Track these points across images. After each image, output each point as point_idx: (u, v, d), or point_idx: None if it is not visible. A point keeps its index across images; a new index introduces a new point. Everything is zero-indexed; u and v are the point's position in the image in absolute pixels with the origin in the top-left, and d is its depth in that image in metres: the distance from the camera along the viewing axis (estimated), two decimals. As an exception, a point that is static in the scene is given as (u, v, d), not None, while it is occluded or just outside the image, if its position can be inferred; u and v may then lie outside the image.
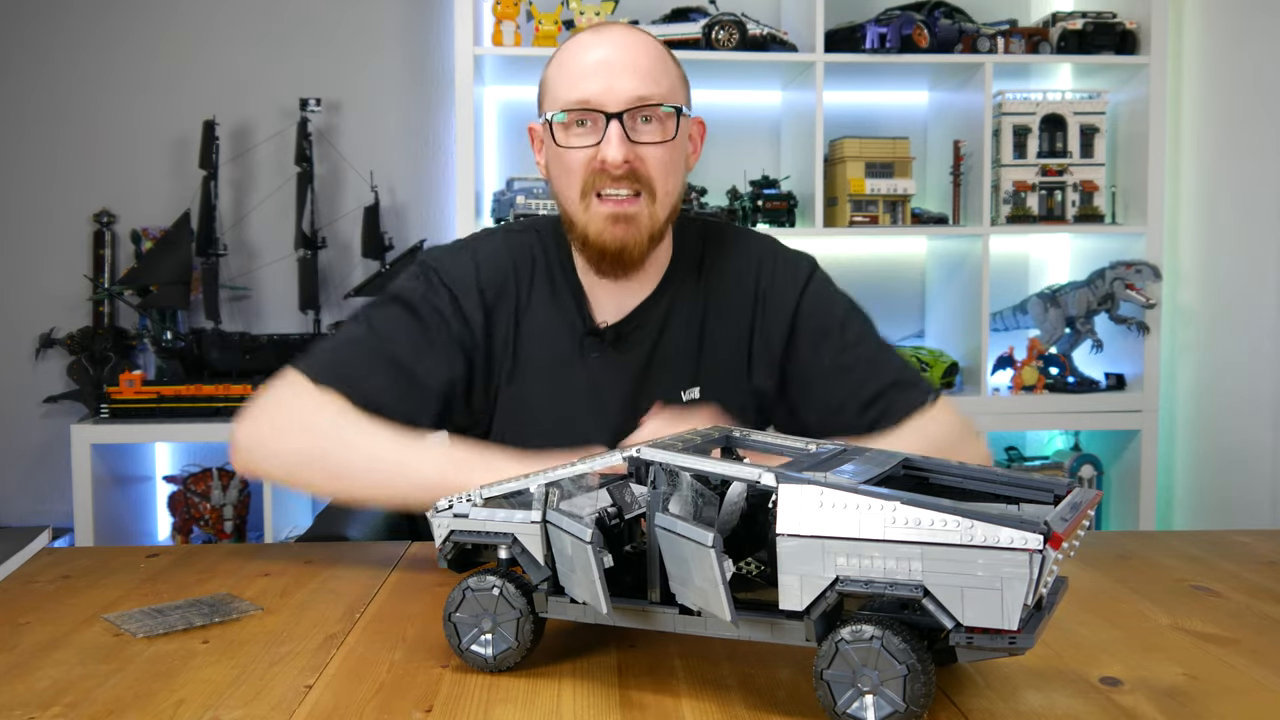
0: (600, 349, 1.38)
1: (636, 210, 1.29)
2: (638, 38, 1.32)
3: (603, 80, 1.27)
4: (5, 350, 3.18)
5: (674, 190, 1.33)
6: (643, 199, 1.29)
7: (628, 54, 1.29)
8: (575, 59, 1.30)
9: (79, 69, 3.17)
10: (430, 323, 1.34)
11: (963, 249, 3.08)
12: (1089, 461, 3.11)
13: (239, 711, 0.83)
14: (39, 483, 3.19)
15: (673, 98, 1.31)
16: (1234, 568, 1.24)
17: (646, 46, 1.31)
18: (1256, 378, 2.76)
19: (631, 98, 1.27)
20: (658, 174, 1.29)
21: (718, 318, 1.41)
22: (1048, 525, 0.71)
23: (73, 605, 1.10)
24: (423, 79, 3.25)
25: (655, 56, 1.31)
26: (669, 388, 1.38)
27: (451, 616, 0.91)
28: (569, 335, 1.39)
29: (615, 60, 1.28)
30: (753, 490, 0.86)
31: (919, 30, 2.92)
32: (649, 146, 1.28)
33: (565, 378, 1.39)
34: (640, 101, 1.27)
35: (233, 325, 3.18)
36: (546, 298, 1.39)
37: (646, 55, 1.30)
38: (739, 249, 1.45)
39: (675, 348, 1.40)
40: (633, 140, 1.27)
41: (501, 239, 1.43)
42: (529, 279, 1.40)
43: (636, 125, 1.28)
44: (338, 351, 1.32)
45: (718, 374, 1.40)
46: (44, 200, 3.18)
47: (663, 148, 1.29)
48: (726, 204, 3.03)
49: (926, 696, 0.74)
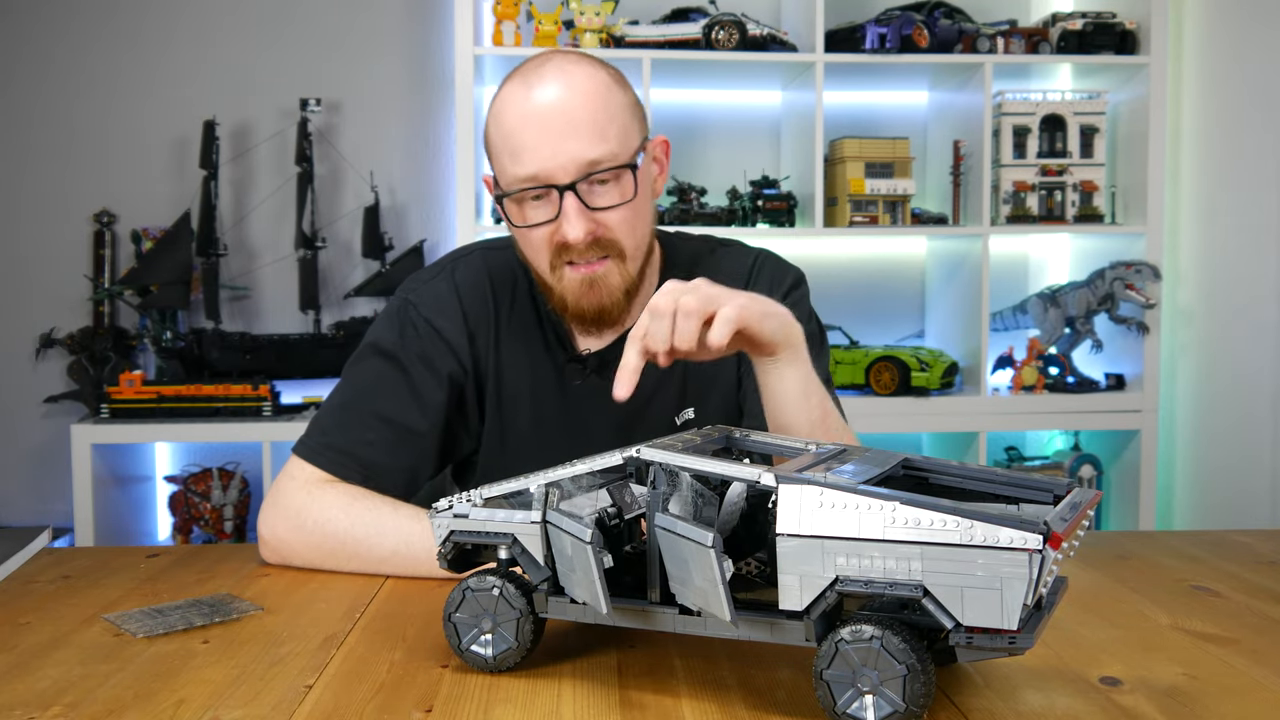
0: (583, 376, 1.35)
1: (606, 271, 1.25)
2: (573, 78, 1.21)
3: (547, 147, 1.18)
4: (5, 350, 3.18)
5: (643, 239, 1.28)
6: (611, 261, 1.24)
7: (566, 106, 1.19)
8: (512, 118, 1.21)
9: (79, 69, 3.17)
10: (412, 371, 1.32)
11: (963, 249, 3.08)
12: (1089, 461, 3.11)
13: (239, 711, 0.83)
14: (39, 483, 3.19)
15: (625, 147, 1.22)
16: (1234, 568, 1.24)
17: (585, 88, 1.21)
18: (1256, 378, 2.76)
19: (581, 164, 1.19)
20: (623, 234, 1.24)
21: None
22: (1047, 525, 0.71)
23: (73, 605, 1.10)
24: (423, 79, 3.25)
25: (597, 98, 1.21)
26: (658, 413, 1.33)
27: (451, 616, 0.91)
28: (550, 362, 1.36)
29: (553, 116, 1.19)
30: (753, 490, 0.86)
31: (919, 30, 2.92)
32: (609, 211, 1.22)
33: (548, 405, 1.36)
34: (591, 167, 1.19)
35: (233, 325, 3.18)
36: (527, 322, 1.36)
37: (587, 101, 1.20)
38: (725, 269, 1.39)
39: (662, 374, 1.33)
40: (591, 208, 1.21)
41: (480, 260, 1.39)
42: (509, 303, 1.37)
43: (593, 189, 1.21)
44: (328, 424, 1.32)
45: (709, 392, 1.37)
46: (44, 200, 3.18)
47: (624, 208, 1.22)
48: (726, 204, 3.03)
49: (926, 696, 0.74)
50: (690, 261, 1.40)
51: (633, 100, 1.27)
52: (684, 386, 1.37)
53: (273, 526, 1.25)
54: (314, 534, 1.23)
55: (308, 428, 1.34)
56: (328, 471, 1.29)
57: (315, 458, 1.29)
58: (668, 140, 1.35)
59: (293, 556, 1.25)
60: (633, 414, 1.33)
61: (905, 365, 2.97)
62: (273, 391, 2.88)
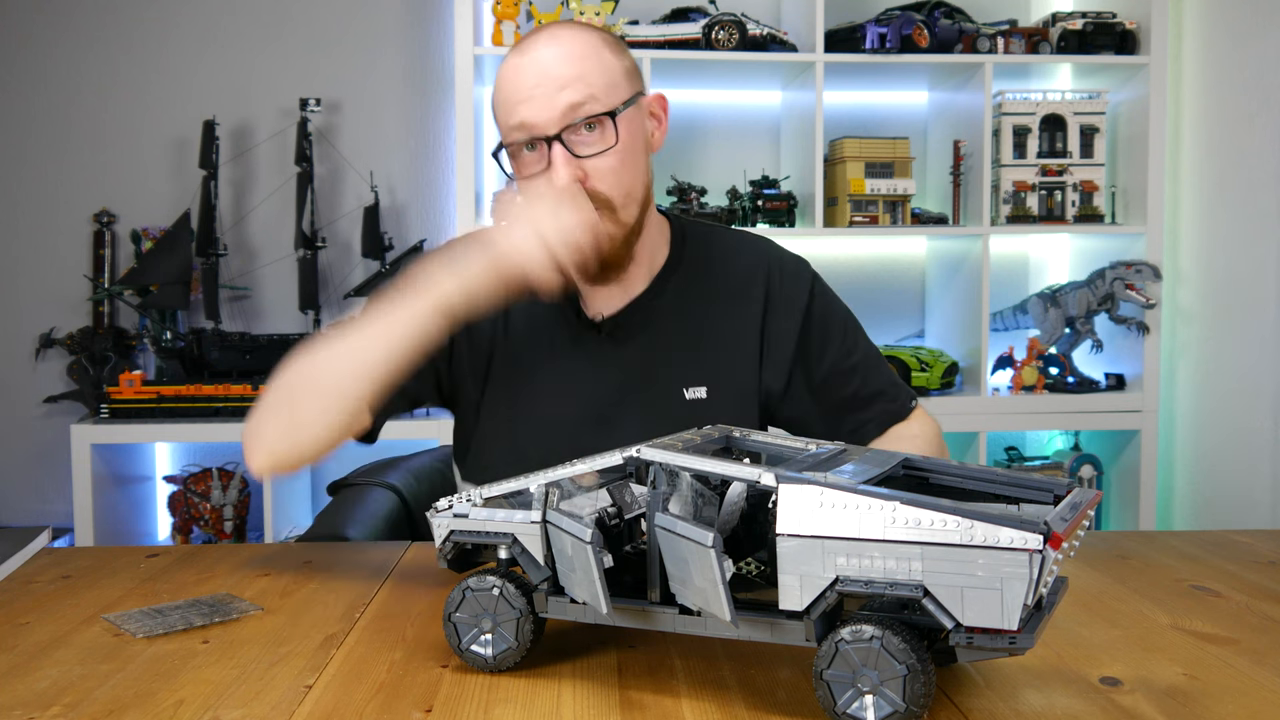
0: (597, 341, 1.38)
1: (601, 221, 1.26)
2: (564, 39, 1.27)
3: (532, 101, 1.23)
4: (5, 350, 3.18)
5: (636, 187, 1.30)
6: (601, 212, 1.26)
7: (555, 63, 1.24)
8: (507, 80, 1.27)
9: (79, 69, 3.17)
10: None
11: (963, 249, 3.08)
12: (1089, 461, 3.11)
13: (239, 711, 0.83)
14: (39, 483, 3.19)
15: (611, 95, 1.26)
16: (1234, 568, 1.24)
17: (574, 47, 1.26)
18: (1256, 378, 2.76)
19: (565, 110, 1.23)
20: (610, 184, 1.26)
21: (725, 318, 1.41)
22: (1048, 525, 0.71)
23: (73, 605, 1.10)
24: (423, 79, 3.25)
25: (584, 55, 1.26)
26: (670, 383, 1.38)
27: (451, 616, 0.91)
28: (562, 330, 1.39)
29: (540, 73, 1.24)
30: (753, 490, 0.86)
31: (919, 30, 2.92)
32: (597, 158, 1.25)
33: (558, 371, 1.39)
34: (573, 111, 1.23)
35: (233, 325, 3.18)
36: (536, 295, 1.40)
37: (575, 58, 1.25)
38: (743, 251, 1.45)
39: (675, 345, 1.39)
40: (579, 155, 1.24)
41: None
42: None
43: (580, 137, 1.24)
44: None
45: (725, 373, 1.40)
46: (44, 200, 3.18)
47: (609, 155, 1.25)
48: (726, 204, 3.03)
49: (926, 696, 0.74)
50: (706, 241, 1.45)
51: (626, 63, 1.31)
52: (700, 358, 1.39)
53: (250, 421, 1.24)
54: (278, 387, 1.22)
55: None
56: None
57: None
58: (665, 96, 1.37)
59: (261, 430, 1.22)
60: (645, 381, 1.37)
61: (905, 365, 2.97)
62: (273, 391, 2.88)
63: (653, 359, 1.39)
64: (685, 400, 1.37)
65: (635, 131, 1.30)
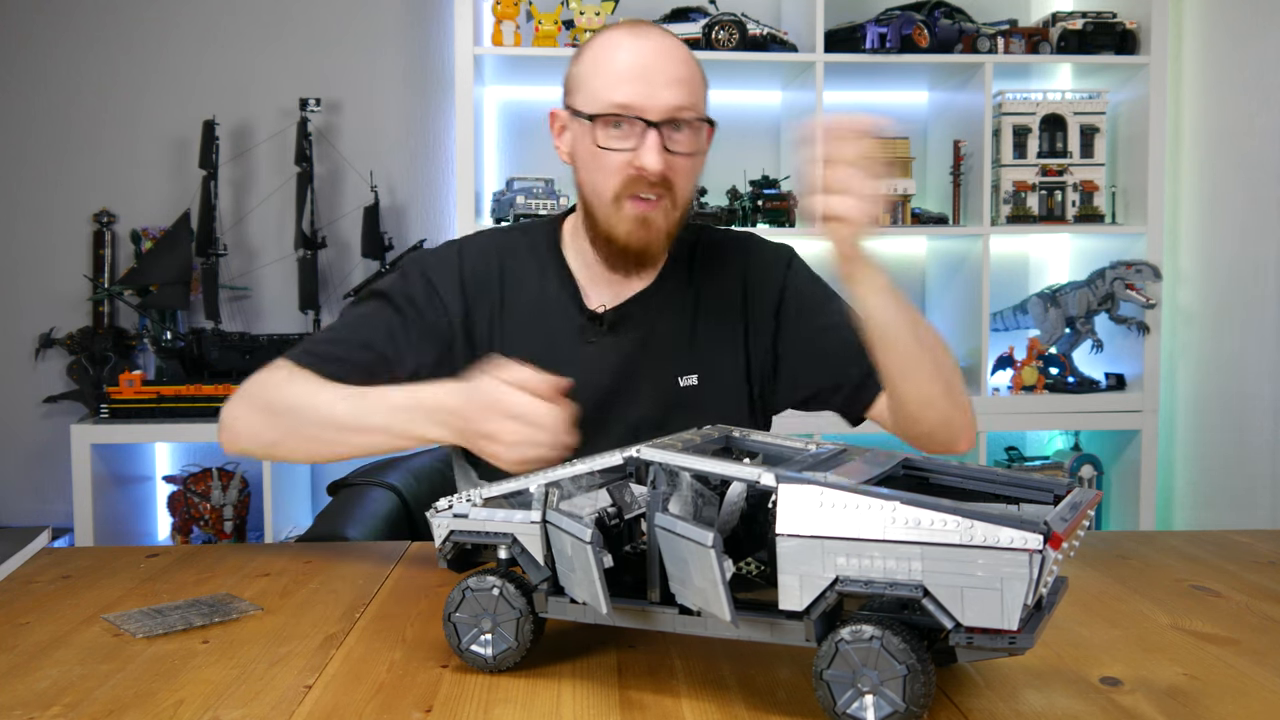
0: (598, 334, 1.41)
1: (659, 214, 1.33)
2: (675, 44, 1.35)
3: (644, 85, 1.29)
4: (5, 350, 3.18)
5: (691, 197, 1.39)
6: (664, 202, 1.33)
7: (668, 61, 1.31)
8: (615, 58, 1.32)
9: (79, 69, 3.17)
10: (405, 311, 1.39)
11: (963, 249, 3.08)
12: (1089, 461, 3.11)
13: (239, 711, 0.83)
14: (39, 483, 3.19)
15: (703, 109, 1.35)
16: (1234, 568, 1.24)
17: (683, 54, 1.34)
18: (1256, 378, 2.76)
19: (671, 107, 1.29)
20: (683, 182, 1.34)
21: (711, 313, 1.45)
22: (1048, 525, 0.71)
23: (73, 605, 1.10)
24: (423, 79, 3.25)
25: (690, 65, 1.34)
26: (666, 373, 1.41)
27: (451, 616, 0.91)
28: (562, 323, 1.41)
29: (655, 66, 1.30)
30: (753, 490, 0.86)
31: (919, 30, 2.92)
32: (680, 157, 1.32)
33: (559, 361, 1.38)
34: (678, 112, 1.30)
35: (233, 325, 3.18)
36: (536, 290, 1.43)
37: (684, 64, 1.33)
38: (725, 247, 1.50)
39: (670, 338, 1.43)
40: (668, 150, 1.30)
41: (490, 235, 1.49)
42: (516, 272, 1.44)
43: (672, 134, 1.31)
44: (314, 338, 1.41)
45: (714, 365, 1.44)
46: (44, 200, 3.18)
47: (691, 158, 1.33)
48: (726, 204, 3.02)
49: (926, 696, 0.74)
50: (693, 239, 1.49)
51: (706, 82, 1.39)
52: (692, 348, 1.43)
53: (229, 405, 1.33)
54: (257, 401, 1.31)
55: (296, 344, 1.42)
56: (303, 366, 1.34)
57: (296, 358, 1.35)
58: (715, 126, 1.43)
59: (238, 427, 1.31)
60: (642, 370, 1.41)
61: (905, 365, 2.96)
62: (273, 391, 2.88)
63: (650, 350, 1.42)
64: (680, 388, 1.41)
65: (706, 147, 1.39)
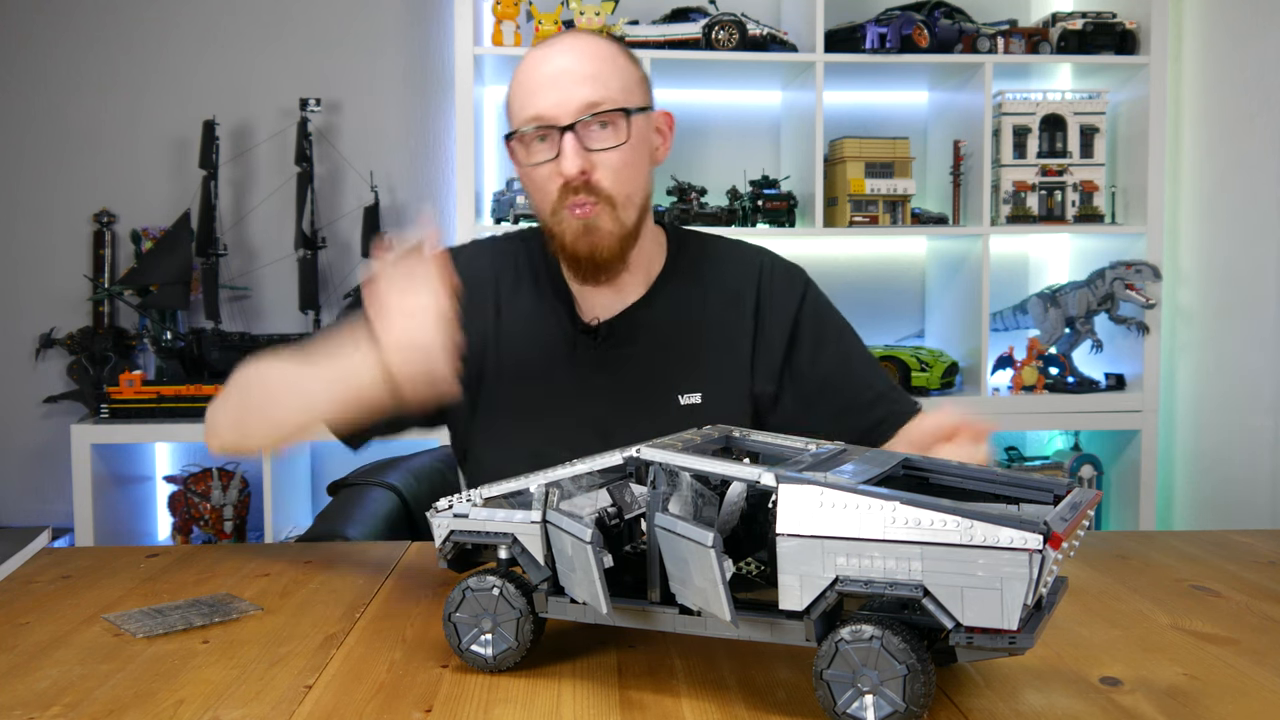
0: (593, 346, 1.39)
1: (598, 215, 1.30)
2: (586, 43, 1.33)
3: (554, 93, 1.28)
4: (5, 350, 3.18)
5: (637, 191, 1.34)
6: (602, 207, 1.30)
7: (576, 62, 1.30)
8: (528, 74, 1.32)
9: (79, 69, 3.17)
10: None
11: (963, 249, 3.08)
12: (1089, 461, 3.11)
13: (239, 711, 0.83)
14: (39, 483, 3.19)
15: (626, 99, 1.31)
16: (1234, 568, 1.24)
17: (595, 50, 1.32)
18: (1256, 378, 2.76)
19: (581, 105, 1.28)
20: (614, 182, 1.30)
21: (718, 325, 1.42)
22: (1048, 525, 0.71)
23: (73, 605, 1.10)
24: (423, 79, 3.25)
25: (604, 58, 1.31)
26: (665, 390, 1.38)
27: (451, 616, 0.91)
28: (557, 335, 1.40)
29: (564, 70, 1.29)
30: (753, 490, 0.86)
31: (919, 30, 2.92)
32: (605, 153, 1.29)
33: (552, 376, 1.39)
34: (591, 108, 1.28)
35: (233, 325, 3.18)
36: (531, 300, 1.42)
37: (595, 59, 1.30)
38: (736, 259, 1.47)
39: (671, 351, 1.40)
40: (589, 149, 1.28)
41: (486, 245, 1.48)
42: (511, 282, 1.43)
43: (591, 133, 1.29)
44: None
45: (719, 380, 1.40)
46: (44, 200, 3.18)
47: (618, 152, 1.30)
48: (726, 204, 3.02)
49: (926, 696, 0.74)
50: (701, 249, 1.47)
51: (638, 73, 1.36)
52: (694, 365, 1.40)
53: (210, 405, 1.35)
54: (230, 392, 1.32)
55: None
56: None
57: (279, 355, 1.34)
58: (672, 115, 1.41)
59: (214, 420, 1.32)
60: (640, 387, 1.38)
61: (905, 365, 2.97)
62: (273, 391, 2.88)
63: (648, 365, 1.39)
64: (680, 406, 1.38)
65: (643, 138, 1.35)
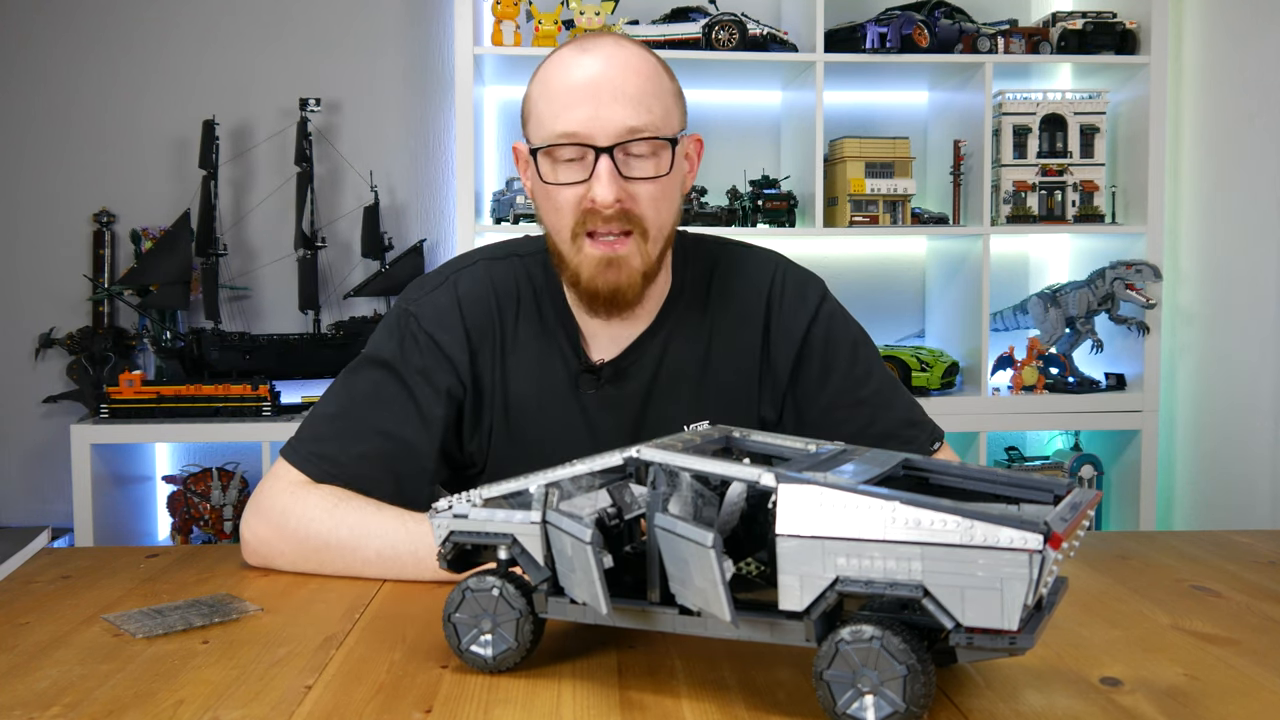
0: (597, 385, 1.32)
1: (628, 251, 1.22)
2: (627, 54, 1.21)
3: (590, 108, 1.17)
4: (5, 350, 3.18)
5: (668, 224, 1.26)
6: (634, 238, 1.22)
7: (616, 76, 1.19)
8: (560, 80, 1.21)
9: (79, 69, 3.17)
10: (412, 383, 1.29)
11: (963, 249, 3.08)
12: (1089, 461, 3.11)
13: (239, 711, 0.83)
14: (39, 483, 3.19)
15: (666, 124, 1.22)
16: (1234, 568, 1.23)
17: (637, 65, 1.21)
18: (1256, 378, 2.76)
19: (621, 130, 1.18)
20: (650, 211, 1.22)
21: (724, 346, 1.35)
22: (1048, 525, 0.71)
23: (73, 605, 1.10)
24: (423, 79, 3.25)
25: (646, 75, 1.21)
26: (671, 419, 1.31)
27: (451, 617, 0.91)
28: (562, 372, 1.33)
29: (603, 84, 1.18)
30: (753, 490, 0.86)
31: (919, 30, 2.92)
32: (642, 183, 1.20)
33: (559, 415, 1.33)
34: (631, 134, 1.18)
35: (232, 325, 3.18)
36: (536, 332, 1.33)
37: (637, 76, 1.20)
38: (746, 273, 1.38)
39: (676, 378, 1.34)
40: (625, 176, 1.19)
41: (483, 271, 1.36)
42: (514, 313, 1.34)
43: (629, 159, 1.19)
44: (320, 431, 1.29)
45: (724, 402, 1.34)
46: (44, 200, 3.18)
47: (656, 183, 1.21)
48: (726, 204, 3.02)
49: (926, 697, 0.74)
50: (709, 262, 1.39)
51: (677, 89, 1.27)
52: (701, 390, 1.35)
53: (254, 528, 1.23)
54: (296, 535, 1.21)
55: (297, 432, 1.31)
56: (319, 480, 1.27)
57: (304, 465, 1.27)
58: (702, 140, 1.34)
59: (275, 557, 1.22)
60: (646, 424, 1.33)
61: (906, 365, 2.97)
62: (272, 392, 2.88)
63: (654, 400, 1.34)
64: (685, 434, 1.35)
65: (679, 166, 1.26)
